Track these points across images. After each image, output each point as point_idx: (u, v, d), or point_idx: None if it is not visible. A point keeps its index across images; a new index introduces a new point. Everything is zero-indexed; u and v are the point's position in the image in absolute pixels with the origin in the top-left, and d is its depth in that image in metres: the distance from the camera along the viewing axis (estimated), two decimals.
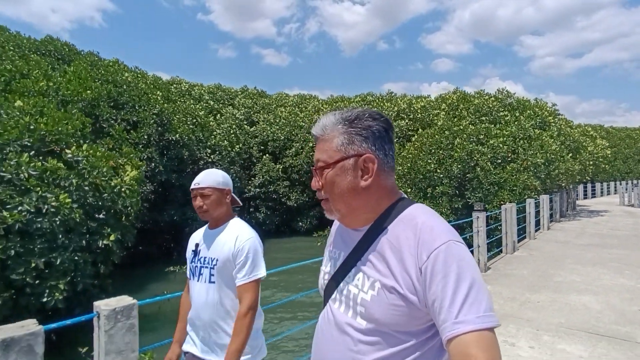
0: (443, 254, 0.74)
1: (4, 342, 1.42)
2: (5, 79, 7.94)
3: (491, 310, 0.72)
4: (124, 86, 11.96)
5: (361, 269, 0.86)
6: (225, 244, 1.66)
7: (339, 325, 0.86)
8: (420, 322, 0.78)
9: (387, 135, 0.87)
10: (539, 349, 3.32)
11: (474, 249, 6.14)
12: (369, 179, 0.84)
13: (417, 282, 0.76)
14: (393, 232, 0.83)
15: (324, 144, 0.87)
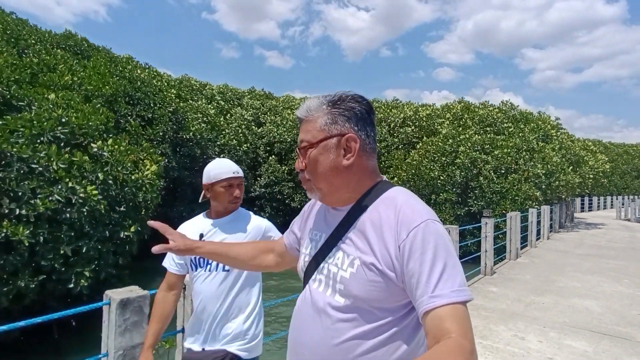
0: (421, 232, 0.77)
1: (122, 301, 1.69)
2: (31, 71, 8.19)
3: (465, 285, 0.75)
4: (138, 82, 12.24)
5: (341, 247, 0.88)
6: (243, 231, 1.64)
7: (316, 304, 0.88)
8: (397, 298, 0.81)
9: (369, 118, 0.90)
10: (547, 343, 3.60)
11: (481, 253, 6.43)
12: (351, 158, 0.86)
13: (395, 259, 0.78)
14: (374, 211, 0.85)
15: (307, 124, 0.89)
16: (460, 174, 13.35)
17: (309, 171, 0.89)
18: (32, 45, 10.07)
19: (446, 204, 13.68)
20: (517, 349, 3.46)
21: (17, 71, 7.65)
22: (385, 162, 17.82)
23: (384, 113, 19.60)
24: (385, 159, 17.93)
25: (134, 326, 1.74)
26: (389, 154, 17.89)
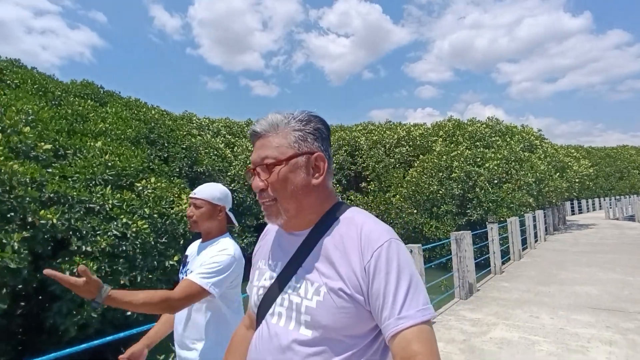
0: (385, 252, 0.76)
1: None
2: (67, 121, 9.01)
3: (428, 303, 0.75)
4: (152, 123, 13.13)
5: (303, 275, 0.82)
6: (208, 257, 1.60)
7: (279, 341, 0.81)
8: (366, 323, 0.78)
9: (329, 140, 0.90)
10: (557, 319, 4.40)
11: (490, 255, 7.26)
12: (320, 177, 0.84)
13: (362, 281, 0.76)
14: (336, 233, 0.82)
15: (272, 140, 0.83)
16: (457, 186, 14.33)
17: (274, 189, 0.82)
18: (59, 96, 10.94)
19: (447, 215, 14.58)
20: (534, 325, 4.26)
21: (56, 122, 8.47)
22: (385, 182, 18.75)
23: (379, 135, 20.73)
24: (384, 179, 18.87)
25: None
26: (387, 173, 18.85)
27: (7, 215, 5.32)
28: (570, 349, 3.56)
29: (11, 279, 5.16)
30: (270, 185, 0.82)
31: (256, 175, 0.84)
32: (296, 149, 0.82)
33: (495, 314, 4.75)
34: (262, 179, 0.82)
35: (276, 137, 0.83)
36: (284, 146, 0.82)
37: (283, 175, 0.81)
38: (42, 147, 6.53)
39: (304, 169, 0.83)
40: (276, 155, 0.82)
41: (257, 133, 0.85)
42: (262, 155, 0.83)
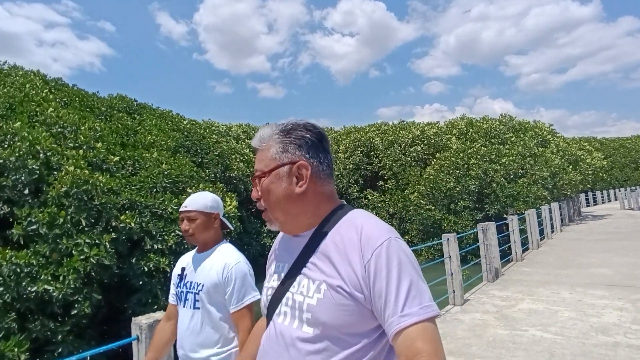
0: (385, 251, 0.77)
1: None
2: (120, 135, 9.97)
3: (431, 300, 0.76)
4: (185, 132, 14.08)
5: (306, 274, 0.85)
6: (212, 269, 1.62)
7: (284, 339, 0.83)
8: (368, 322, 0.79)
9: (321, 145, 0.90)
10: (576, 294, 5.12)
11: (511, 244, 7.96)
12: (304, 185, 0.86)
13: (362, 280, 0.77)
14: (337, 234, 0.84)
15: (261, 153, 0.89)
16: (474, 183, 14.97)
17: (264, 200, 0.88)
18: (104, 111, 11.95)
19: (465, 211, 15.22)
20: (556, 299, 4.99)
21: (111, 136, 9.43)
22: (402, 180, 19.46)
23: (394, 135, 21.42)
24: (401, 177, 19.57)
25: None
26: (404, 171, 19.54)
27: (95, 220, 6.23)
28: (587, 314, 4.30)
29: (103, 274, 6.07)
30: (261, 196, 0.88)
31: (254, 186, 0.91)
32: (277, 160, 0.86)
33: (520, 292, 5.49)
34: (257, 189, 0.89)
35: (264, 151, 0.88)
36: (268, 159, 0.87)
37: (266, 186, 0.86)
38: (112, 160, 7.46)
39: (286, 179, 0.86)
40: (262, 168, 0.88)
41: (254, 147, 0.92)
42: (255, 168, 0.90)
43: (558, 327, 3.98)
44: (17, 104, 7.87)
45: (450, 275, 5.11)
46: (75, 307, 5.68)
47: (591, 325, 3.96)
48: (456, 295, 5.05)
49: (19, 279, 5.22)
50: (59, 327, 5.54)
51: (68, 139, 7.43)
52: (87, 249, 5.73)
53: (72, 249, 5.75)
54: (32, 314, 5.48)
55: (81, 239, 5.81)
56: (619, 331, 3.73)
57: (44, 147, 6.39)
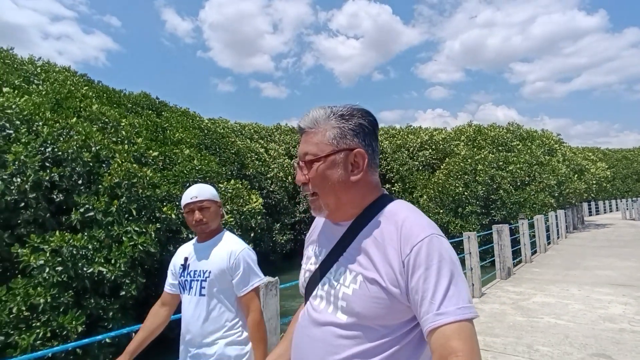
0: (425, 247, 0.76)
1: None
2: (150, 131, 10.51)
3: (470, 302, 0.74)
4: (205, 131, 14.62)
5: (343, 263, 0.86)
6: (219, 256, 1.66)
7: (318, 322, 0.86)
8: (401, 315, 0.79)
9: (374, 133, 0.89)
10: (583, 291, 5.63)
11: (520, 246, 8.47)
12: (359, 174, 0.85)
13: (399, 275, 0.77)
14: (376, 227, 0.84)
15: (313, 136, 0.87)
16: (481, 189, 15.48)
17: (314, 185, 0.87)
18: (130, 108, 12.49)
19: (472, 215, 15.72)
20: (566, 294, 5.50)
21: (145, 132, 9.96)
22: (409, 183, 19.98)
23: (403, 139, 21.95)
24: (408, 181, 20.09)
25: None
26: (411, 175, 20.06)
27: (142, 211, 6.76)
28: (594, 307, 4.81)
29: (147, 260, 6.60)
30: (310, 180, 0.86)
31: (299, 169, 0.88)
32: (334, 145, 0.84)
33: (532, 288, 5.99)
34: (304, 174, 0.87)
35: (317, 134, 0.86)
36: (323, 143, 0.85)
37: (321, 172, 0.85)
38: (151, 154, 7.99)
39: (342, 165, 0.84)
40: (315, 151, 0.85)
41: (302, 129, 0.89)
42: (304, 151, 0.87)
43: (570, 316, 4.49)
44: (62, 100, 8.41)
45: (470, 270, 5.62)
46: (123, 288, 6.21)
47: (599, 315, 4.47)
48: (475, 288, 5.56)
49: (75, 260, 5.74)
50: (110, 305, 6.06)
51: (110, 134, 7.96)
52: (135, 237, 6.26)
53: (122, 235, 6.28)
54: (85, 292, 6.00)
55: (130, 227, 6.34)
56: (623, 320, 4.24)
57: (95, 141, 6.92)
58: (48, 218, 6.27)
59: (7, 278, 5.76)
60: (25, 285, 5.40)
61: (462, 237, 6.09)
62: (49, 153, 6.42)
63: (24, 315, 5.35)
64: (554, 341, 3.71)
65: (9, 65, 9.72)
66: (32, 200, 6.04)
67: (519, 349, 3.55)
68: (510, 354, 3.45)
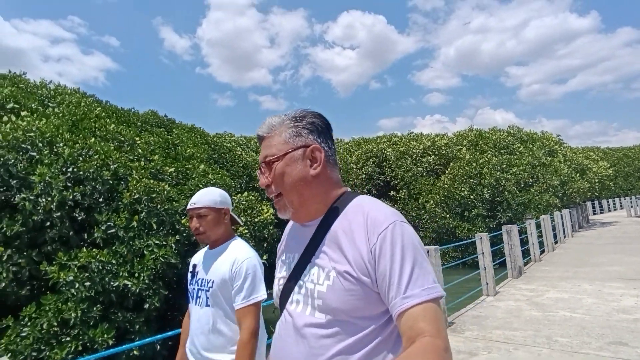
0: (390, 234, 0.78)
1: None
2: (160, 146, 10.79)
3: (435, 282, 0.76)
4: (212, 145, 14.92)
5: (315, 262, 0.87)
6: (222, 265, 1.59)
7: (296, 326, 0.85)
8: (376, 306, 0.80)
9: (328, 132, 0.94)
10: (595, 286, 5.79)
11: (529, 245, 8.63)
12: (318, 167, 0.88)
13: (368, 263, 0.79)
14: (344, 220, 0.86)
15: (270, 140, 0.91)
16: (487, 192, 15.66)
17: (276, 184, 0.89)
18: (140, 126, 12.80)
19: (478, 218, 15.87)
20: (578, 290, 5.66)
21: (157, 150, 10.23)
22: (414, 189, 20.15)
23: (405, 146, 22.21)
24: (413, 187, 20.27)
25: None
26: (416, 181, 20.25)
27: (161, 224, 6.97)
28: (607, 300, 4.97)
29: (169, 272, 6.79)
30: (273, 180, 0.89)
31: (262, 173, 0.92)
32: (291, 144, 0.89)
33: (545, 285, 6.16)
34: (266, 177, 0.90)
35: (274, 137, 0.90)
36: (280, 143, 0.89)
37: (280, 169, 0.88)
38: (167, 170, 8.24)
39: (301, 161, 0.88)
40: (274, 152, 0.89)
41: (261, 136, 0.94)
42: (263, 155, 0.91)
43: (584, 309, 4.65)
44: (78, 121, 8.70)
45: (484, 270, 5.79)
46: (147, 300, 6.38)
47: (612, 307, 4.63)
48: (489, 287, 5.72)
49: (102, 275, 5.94)
50: (136, 318, 6.23)
51: (127, 152, 8.22)
52: (156, 249, 6.46)
53: (144, 249, 6.48)
54: (112, 306, 6.17)
55: (151, 240, 6.54)
56: (637, 311, 4.40)
57: (113, 159, 7.17)
58: (72, 236, 6.48)
59: (36, 295, 5.95)
60: (56, 301, 5.59)
61: (473, 239, 6.27)
62: (70, 173, 6.67)
63: (53, 331, 5.53)
64: (572, 332, 3.88)
65: (22, 89, 10.06)
66: (56, 219, 6.26)
67: (539, 341, 3.72)
68: (530, 345, 3.62)
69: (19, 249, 5.98)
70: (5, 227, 5.79)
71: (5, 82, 10.31)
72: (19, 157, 6.29)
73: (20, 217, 5.98)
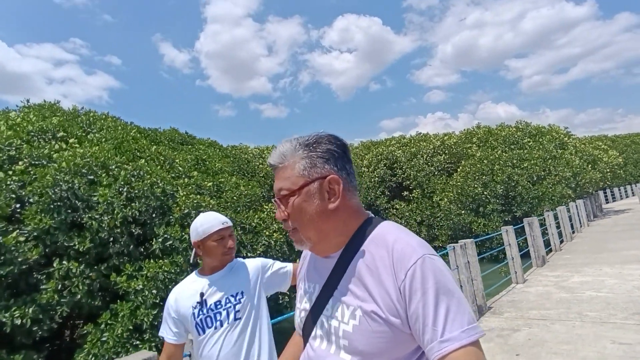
0: (420, 270, 0.73)
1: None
2: (194, 162, 11.48)
3: (474, 322, 0.72)
4: (230, 158, 15.61)
5: (339, 298, 0.82)
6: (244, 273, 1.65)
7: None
8: (406, 346, 0.76)
9: (346, 156, 0.88)
10: (615, 269, 6.29)
11: (549, 236, 9.12)
12: (337, 201, 0.83)
13: (398, 303, 0.74)
14: (367, 253, 0.81)
15: (284, 171, 0.85)
16: (500, 187, 16.14)
17: (293, 220, 0.84)
18: (167, 144, 13.53)
19: (493, 213, 16.34)
20: (600, 273, 6.17)
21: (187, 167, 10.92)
22: (427, 188, 20.67)
23: (415, 147, 22.75)
24: (426, 186, 20.78)
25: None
26: (429, 181, 20.77)
27: None
28: (628, 280, 5.49)
29: None
30: (289, 215, 0.84)
31: (278, 206, 0.86)
32: (306, 176, 0.83)
33: (569, 271, 6.67)
34: (282, 210, 0.85)
35: (287, 168, 0.85)
36: (294, 176, 0.83)
37: (297, 205, 0.83)
38: (207, 185, 8.91)
39: (318, 195, 0.82)
40: (289, 186, 0.83)
41: (273, 165, 0.88)
42: (278, 187, 0.86)
43: (608, 289, 5.18)
44: (119, 144, 9.42)
45: (512, 260, 6.33)
46: None
47: (633, 285, 5.15)
48: (518, 275, 6.26)
49: (165, 282, 6.58)
50: None
51: (168, 170, 8.91)
52: None
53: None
54: None
55: None
56: None
57: (161, 178, 7.85)
58: (132, 249, 7.15)
59: (107, 305, 6.61)
60: (128, 308, 6.24)
61: (492, 234, 6.80)
62: (125, 192, 7.35)
63: (127, 335, 6.17)
64: (599, 308, 4.42)
65: (58, 117, 10.82)
66: (118, 235, 6.93)
67: (571, 316, 4.26)
68: (564, 320, 4.17)
69: (88, 264, 6.64)
70: (78, 245, 6.46)
71: (45, 111, 11.09)
72: (82, 180, 6.98)
73: (88, 234, 6.66)
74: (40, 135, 8.63)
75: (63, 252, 6.61)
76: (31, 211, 6.44)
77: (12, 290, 6.27)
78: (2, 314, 5.69)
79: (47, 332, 6.17)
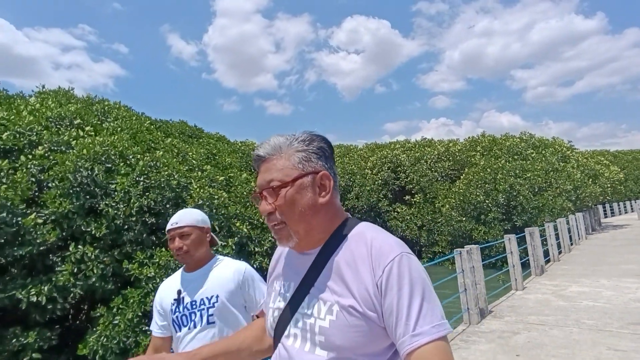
0: (396, 267, 0.76)
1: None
2: (205, 156, 11.70)
3: (443, 318, 0.75)
4: (239, 153, 15.83)
5: (315, 294, 0.83)
6: (224, 278, 1.59)
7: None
8: (382, 341, 0.78)
9: (332, 157, 0.91)
10: (612, 282, 6.52)
11: (548, 247, 9.35)
12: (327, 196, 0.85)
13: (374, 297, 0.76)
14: (347, 250, 0.83)
15: (275, 163, 0.84)
16: (502, 196, 16.37)
17: (282, 212, 0.83)
18: (178, 136, 13.75)
19: (494, 221, 16.56)
20: (597, 284, 6.39)
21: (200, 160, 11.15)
22: (429, 194, 20.90)
23: (420, 151, 22.98)
24: (429, 191, 21.01)
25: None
26: (431, 186, 21.00)
27: (221, 228, 7.84)
28: (624, 292, 5.71)
29: None
30: (277, 208, 0.83)
31: (263, 199, 0.85)
32: (301, 169, 0.83)
33: (566, 281, 6.89)
34: (270, 203, 0.83)
35: (280, 160, 0.84)
36: (289, 168, 0.83)
37: (290, 197, 0.82)
38: (218, 179, 9.13)
39: (310, 188, 0.83)
40: (281, 177, 0.82)
41: (261, 157, 0.86)
42: (267, 179, 0.84)
43: (604, 299, 5.40)
44: (134, 134, 9.64)
45: (512, 267, 6.55)
46: None
47: (629, 298, 5.38)
48: (518, 282, 6.48)
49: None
50: None
51: (181, 163, 9.13)
52: (220, 249, 7.31)
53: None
54: None
55: None
56: None
57: (176, 170, 8.07)
58: (145, 237, 7.37)
59: (119, 290, 6.83)
60: (139, 294, 6.46)
61: (494, 242, 7.02)
62: (142, 182, 7.57)
63: (137, 320, 6.40)
64: (596, 316, 4.64)
65: (74, 104, 11.03)
66: (133, 223, 7.15)
67: (569, 323, 4.49)
68: (562, 326, 4.39)
69: (103, 249, 6.87)
70: (94, 230, 6.69)
71: (61, 98, 11.30)
72: (101, 168, 7.20)
73: (104, 220, 6.88)
74: (58, 121, 8.85)
75: (79, 237, 6.83)
76: (50, 195, 6.65)
77: (29, 271, 6.49)
78: (19, 291, 5.91)
79: (61, 311, 6.39)
